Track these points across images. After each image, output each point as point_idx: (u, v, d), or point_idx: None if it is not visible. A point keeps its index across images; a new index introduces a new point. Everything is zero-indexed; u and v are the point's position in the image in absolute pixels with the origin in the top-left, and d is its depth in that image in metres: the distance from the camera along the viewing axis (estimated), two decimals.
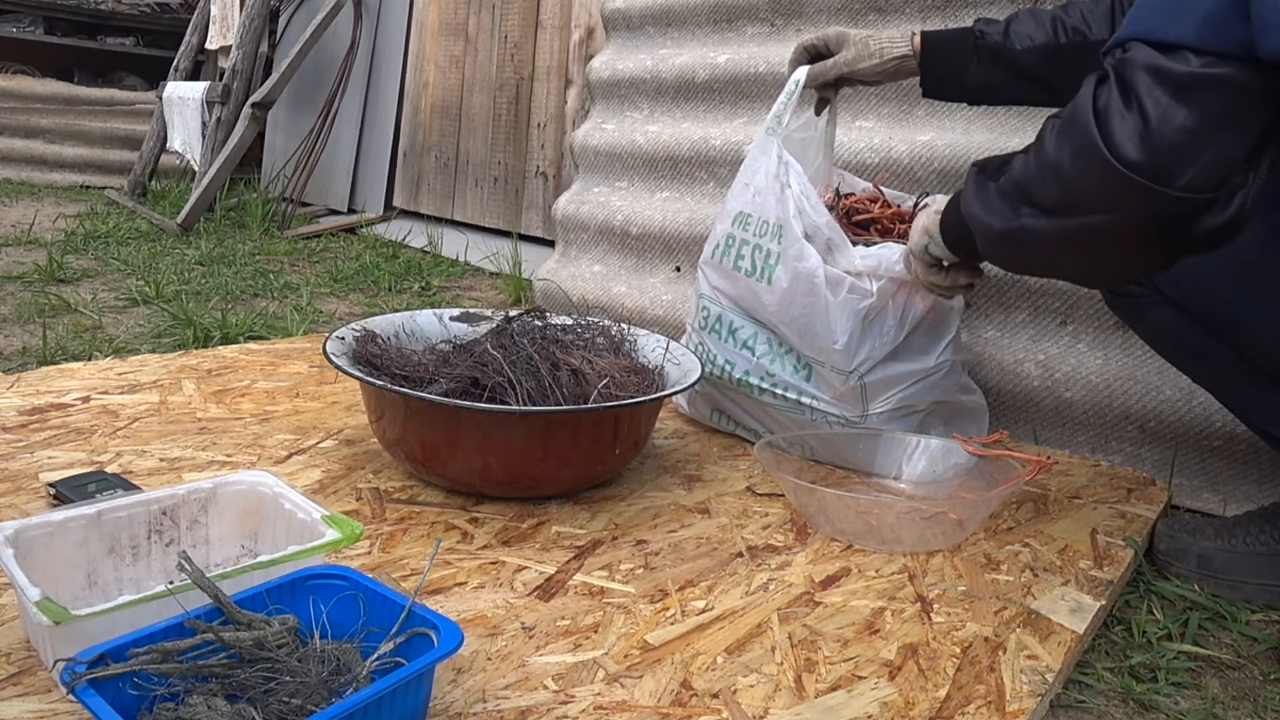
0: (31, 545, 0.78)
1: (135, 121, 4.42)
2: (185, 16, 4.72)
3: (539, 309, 1.41)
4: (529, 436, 1.07)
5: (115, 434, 1.24)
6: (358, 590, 0.74)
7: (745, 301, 1.33)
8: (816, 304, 1.24)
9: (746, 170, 1.36)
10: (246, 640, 0.66)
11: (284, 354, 1.70)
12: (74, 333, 1.88)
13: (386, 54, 3.56)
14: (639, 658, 0.82)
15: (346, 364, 1.12)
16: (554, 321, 1.34)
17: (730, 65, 2.04)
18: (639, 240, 2.16)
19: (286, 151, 3.81)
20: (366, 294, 2.51)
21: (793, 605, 0.93)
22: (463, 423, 1.06)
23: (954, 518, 1.08)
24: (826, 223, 1.24)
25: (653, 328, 2.04)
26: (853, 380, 1.25)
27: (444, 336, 1.34)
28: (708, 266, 1.40)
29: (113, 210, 3.62)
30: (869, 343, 1.25)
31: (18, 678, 0.73)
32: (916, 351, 1.29)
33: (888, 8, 1.77)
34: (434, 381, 1.11)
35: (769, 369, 1.32)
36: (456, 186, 3.31)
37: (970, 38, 1.23)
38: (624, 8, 2.37)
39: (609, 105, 2.40)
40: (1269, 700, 0.90)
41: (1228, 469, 1.31)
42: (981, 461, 1.19)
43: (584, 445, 1.10)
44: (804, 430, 1.31)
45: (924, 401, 1.29)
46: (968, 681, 0.82)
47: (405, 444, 1.11)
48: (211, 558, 0.91)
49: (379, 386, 1.06)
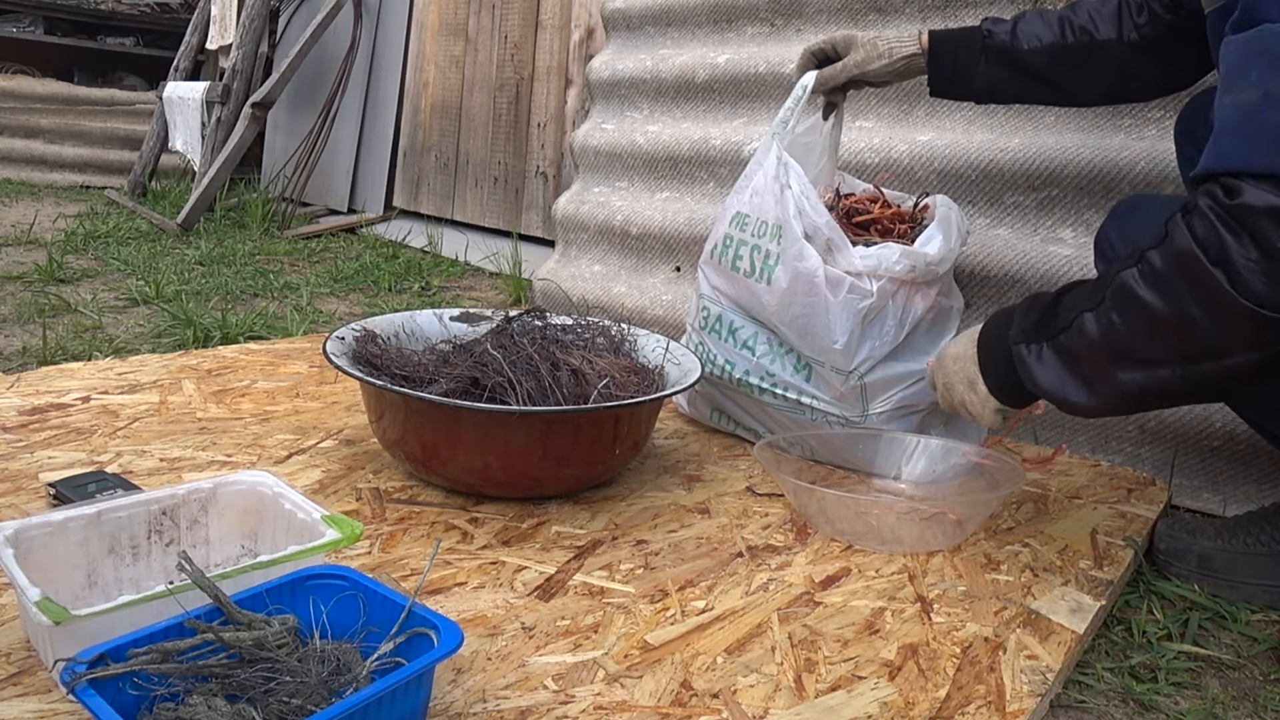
0: (31, 545, 0.78)
1: (135, 121, 4.42)
2: (185, 16, 4.72)
3: (539, 309, 1.41)
4: (529, 436, 1.07)
5: (115, 434, 1.24)
6: (358, 590, 0.74)
7: (745, 302, 1.33)
8: (816, 304, 1.24)
9: (749, 172, 1.37)
10: (246, 640, 0.66)
11: (284, 354, 1.70)
12: (74, 333, 1.88)
13: (386, 54, 3.55)
14: (639, 658, 0.82)
15: (346, 364, 1.12)
16: (554, 321, 1.34)
17: (730, 65, 2.04)
18: (639, 240, 2.16)
19: (286, 151, 3.81)
20: (366, 294, 2.51)
21: (793, 605, 0.93)
22: (463, 423, 1.06)
23: (954, 518, 1.08)
24: (826, 223, 1.24)
25: (653, 328, 2.04)
26: (853, 380, 1.25)
27: (444, 336, 1.34)
28: (707, 266, 1.40)
29: (113, 210, 3.62)
30: (869, 343, 1.25)
31: (18, 678, 0.73)
32: (916, 351, 1.29)
33: (888, 8, 1.78)
34: (434, 381, 1.11)
35: (769, 369, 1.32)
36: (456, 186, 3.31)
37: (978, 37, 1.23)
38: (624, 8, 2.37)
39: (609, 105, 2.40)
40: (1269, 700, 0.90)
41: (1228, 469, 1.31)
42: (982, 461, 1.19)
43: (584, 445, 1.10)
44: (804, 430, 1.31)
45: (924, 401, 1.29)
46: (968, 681, 0.82)
47: (405, 444, 1.11)
48: (211, 558, 0.91)
49: (379, 386, 1.06)
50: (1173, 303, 0.81)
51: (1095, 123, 1.49)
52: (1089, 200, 1.46)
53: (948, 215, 1.32)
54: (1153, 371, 0.84)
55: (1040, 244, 1.49)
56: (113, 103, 4.52)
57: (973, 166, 1.58)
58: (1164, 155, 1.36)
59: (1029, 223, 1.53)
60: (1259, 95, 0.74)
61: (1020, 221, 1.54)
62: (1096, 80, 1.20)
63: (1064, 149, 1.47)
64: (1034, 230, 1.52)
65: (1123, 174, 1.41)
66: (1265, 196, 0.73)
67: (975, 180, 1.58)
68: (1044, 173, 1.50)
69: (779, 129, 1.34)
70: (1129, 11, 1.16)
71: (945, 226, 1.30)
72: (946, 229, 1.30)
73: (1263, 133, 0.74)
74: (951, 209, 1.34)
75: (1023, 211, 1.53)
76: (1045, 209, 1.51)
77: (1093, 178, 1.44)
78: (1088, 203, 1.46)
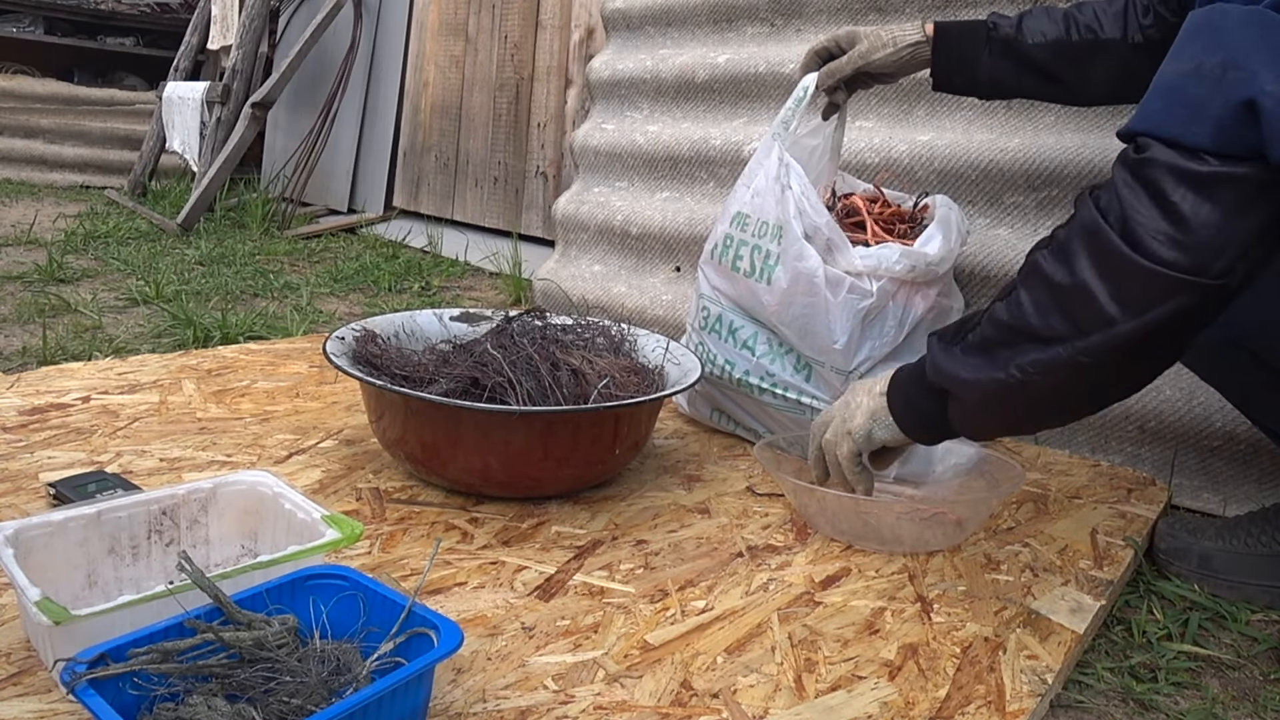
0: (31, 545, 0.78)
1: (135, 121, 4.42)
2: (185, 16, 4.72)
3: (539, 309, 1.41)
4: (529, 436, 1.07)
5: (115, 434, 1.24)
6: (358, 590, 0.74)
7: (745, 301, 1.33)
8: (816, 304, 1.24)
9: (749, 173, 1.36)
10: (246, 640, 0.66)
11: (284, 354, 1.70)
12: (74, 333, 1.88)
13: (386, 54, 3.56)
14: (639, 658, 0.82)
15: (346, 364, 1.12)
16: (554, 321, 1.34)
17: (730, 65, 2.04)
18: (639, 240, 2.16)
19: (286, 151, 3.81)
20: (366, 294, 2.51)
21: (793, 605, 0.93)
22: (463, 423, 1.06)
23: (953, 518, 1.08)
24: (826, 223, 1.24)
25: (653, 328, 2.04)
26: (852, 380, 1.25)
27: (444, 336, 1.34)
28: (707, 266, 1.40)
29: (113, 210, 3.62)
30: (869, 343, 1.25)
31: (18, 678, 0.73)
32: (917, 351, 1.28)
33: (888, 8, 1.77)
34: (434, 381, 1.11)
35: (769, 369, 1.32)
36: (456, 186, 3.31)
37: (983, 29, 1.24)
38: (624, 8, 2.37)
39: (609, 105, 2.40)
40: (1269, 700, 0.90)
41: (1228, 469, 1.31)
42: (981, 461, 1.19)
43: (584, 445, 1.10)
44: (804, 430, 1.31)
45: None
46: (968, 681, 0.82)
47: (405, 444, 1.11)
48: (211, 558, 0.91)
49: (379, 386, 1.06)
50: (1071, 270, 0.81)
51: (1095, 123, 1.49)
52: None
53: (948, 215, 1.32)
54: (1047, 351, 0.83)
55: None
56: (113, 103, 4.52)
57: (973, 166, 1.58)
58: None
59: (1029, 223, 1.53)
60: (1193, 66, 0.76)
61: (1020, 221, 1.54)
62: (1099, 79, 1.20)
63: (1064, 149, 1.47)
64: (1034, 230, 1.52)
65: None
66: (1169, 155, 0.75)
67: (975, 180, 1.58)
68: (1044, 173, 1.50)
69: (780, 130, 1.34)
70: (1135, 12, 1.16)
71: (945, 226, 1.30)
72: (946, 229, 1.30)
73: (1184, 102, 0.75)
74: (951, 209, 1.34)
75: (1023, 211, 1.53)
76: (1045, 209, 1.51)
77: (1093, 178, 1.44)
78: None
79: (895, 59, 1.28)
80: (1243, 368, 1.06)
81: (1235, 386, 1.12)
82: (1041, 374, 0.84)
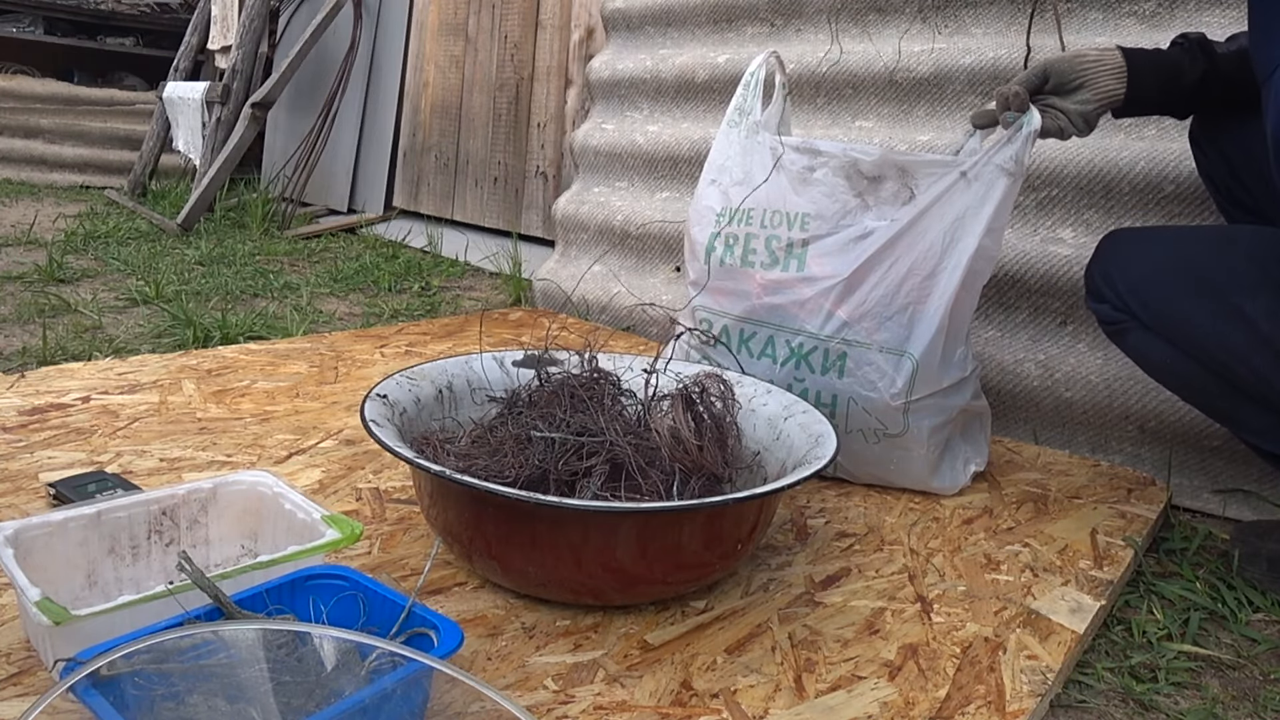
0: (31, 545, 0.79)
1: (135, 121, 4.42)
2: (185, 16, 4.72)
3: (589, 353, 1.12)
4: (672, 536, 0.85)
5: (115, 434, 1.24)
6: (358, 590, 0.74)
7: (761, 300, 1.25)
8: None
9: (719, 169, 1.33)
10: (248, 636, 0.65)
11: (284, 354, 1.70)
12: (74, 333, 1.88)
13: (386, 54, 3.56)
14: (639, 658, 0.82)
15: (391, 438, 0.88)
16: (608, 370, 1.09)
17: (730, 65, 2.04)
18: (639, 240, 2.16)
19: (286, 151, 3.81)
20: (366, 294, 2.51)
21: (793, 605, 0.93)
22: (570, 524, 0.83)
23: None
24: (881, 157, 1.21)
25: (652, 327, 2.04)
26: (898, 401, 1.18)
27: (506, 385, 1.12)
28: (704, 278, 1.31)
29: (113, 210, 3.62)
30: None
31: (18, 678, 0.73)
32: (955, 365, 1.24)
33: (888, 8, 1.78)
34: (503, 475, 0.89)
35: (795, 374, 1.24)
36: (456, 186, 3.31)
37: (1171, 47, 1.14)
38: (624, 8, 2.37)
39: (609, 105, 2.40)
40: (1269, 700, 0.90)
41: (1228, 469, 1.31)
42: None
43: (729, 535, 0.89)
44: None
45: (955, 409, 1.23)
46: (968, 681, 0.82)
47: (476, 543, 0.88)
48: (211, 558, 0.91)
49: (442, 475, 0.82)
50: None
51: None
52: (1089, 200, 1.46)
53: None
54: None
55: (1040, 244, 1.49)
56: (113, 103, 4.52)
57: None
58: (1164, 155, 1.36)
59: (1029, 223, 1.53)
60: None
61: (1020, 221, 1.54)
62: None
63: (1064, 149, 1.47)
64: (1034, 230, 1.52)
65: (1122, 174, 1.40)
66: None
67: None
68: (1044, 173, 1.50)
69: (736, 118, 1.33)
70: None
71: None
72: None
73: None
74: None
75: (1023, 211, 1.53)
76: (1045, 209, 1.51)
77: (1093, 178, 1.44)
78: (1087, 203, 1.46)
79: (1117, 73, 1.14)
80: (1186, 375, 1.06)
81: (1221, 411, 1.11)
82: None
